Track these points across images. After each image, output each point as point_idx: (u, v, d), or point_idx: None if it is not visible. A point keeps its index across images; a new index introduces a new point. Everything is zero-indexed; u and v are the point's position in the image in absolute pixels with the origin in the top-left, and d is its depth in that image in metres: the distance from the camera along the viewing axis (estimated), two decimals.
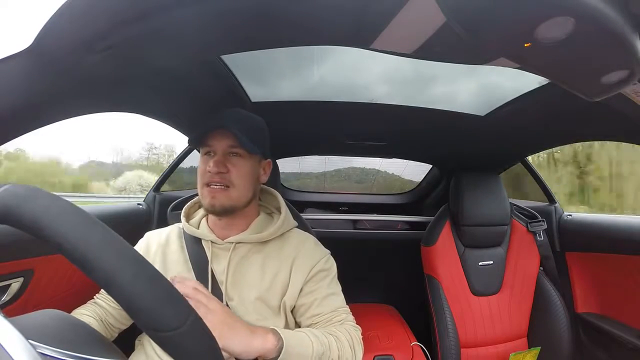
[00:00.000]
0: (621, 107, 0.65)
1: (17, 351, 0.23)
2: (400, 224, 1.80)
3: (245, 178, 0.68)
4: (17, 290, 0.70)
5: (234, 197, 0.67)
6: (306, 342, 0.58)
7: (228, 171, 0.66)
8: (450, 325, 1.16)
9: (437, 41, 0.46)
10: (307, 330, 0.62)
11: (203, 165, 0.67)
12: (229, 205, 0.66)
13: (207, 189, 0.66)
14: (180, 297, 0.30)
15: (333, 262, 0.75)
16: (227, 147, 0.67)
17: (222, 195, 0.66)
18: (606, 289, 1.18)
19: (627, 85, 0.44)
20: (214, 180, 0.65)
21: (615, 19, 0.34)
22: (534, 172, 1.43)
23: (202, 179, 0.67)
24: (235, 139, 0.66)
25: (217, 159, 0.66)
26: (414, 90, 1.00)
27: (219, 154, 0.67)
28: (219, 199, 0.65)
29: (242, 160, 0.68)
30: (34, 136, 0.54)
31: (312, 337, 0.59)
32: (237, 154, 0.67)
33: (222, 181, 0.66)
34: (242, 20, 0.46)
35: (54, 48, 0.44)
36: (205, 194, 0.66)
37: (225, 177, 0.66)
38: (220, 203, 0.65)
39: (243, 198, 0.68)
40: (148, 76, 0.68)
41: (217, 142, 0.67)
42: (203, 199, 0.67)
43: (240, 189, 0.67)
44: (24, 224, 0.27)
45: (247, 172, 0.69)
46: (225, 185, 0.66)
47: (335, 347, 0.61)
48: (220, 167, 0.65)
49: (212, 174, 0.65)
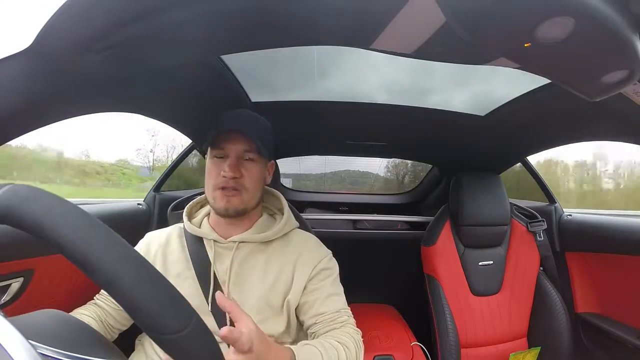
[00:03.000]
0: (621, 107, 0.65)
1: (17, 351, 0.23)
2: (400, 224, 1.80)
3: (257, 182, 0.69)
4: (17, 290, 0.70)
5: (246, 200, 0.68)
6: (315, 353, 0.57)
7: (242, 175, 0.67)
8: (450, 325, 1.16)
9: (437, 41, 0.46)
10: (316, 343, 0.60)
11: (215, 169, 0.67)
12: (242, 208, 0.67)
13: (220, 192, 0.66)
14: (183, 300, 0.29)
15: (335, 262, 0.75)
16: (242, 151, 0.67)
17: (236, 199, 0.66)
18: (606, 289, 1.18)
19: (627, 85, 0.44)
20: (228, 185, 0.66)
21: (615, 19, 0.34)
22: (534, 172, 1.43)
23: (214, 183, 0.67)
24: (251, 143, 0.67)
25: (231, 163, 0.66)
26: (412, 98, 1.02)
27: (233, 158, 0.67)
28: (233, 203, 0.66)
29: (254, 165, 0.69)
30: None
31: (320, 349, 0.58)
32: (250, 158, 0.68)
33: (237, 186, 0.66)
34: (242, 20, 0.46)
35: (54, 48, 0.44)
36: (219, 198, 0.67)
37: (240, 182, 0.66)
38: (234, 207, 0.66)
39: (253, 200, 0.70)
40: (148, 76, 0.68)
41: (231, 146, 0.67)
42: (216, 202, 0.67)
43: (252, 192, 0.68)
44: (25, 224, 0.27)
45: (259, 176, 0.70)
46: (239, 191, 0.66)
47: (344, 355, 0.60)
48: (236, 172, 0.66)
49: (227, 179, 0.65)
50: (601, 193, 3.35)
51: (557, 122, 0.99)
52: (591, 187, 3.40)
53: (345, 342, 0.63)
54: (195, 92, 0.84)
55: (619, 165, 3.17)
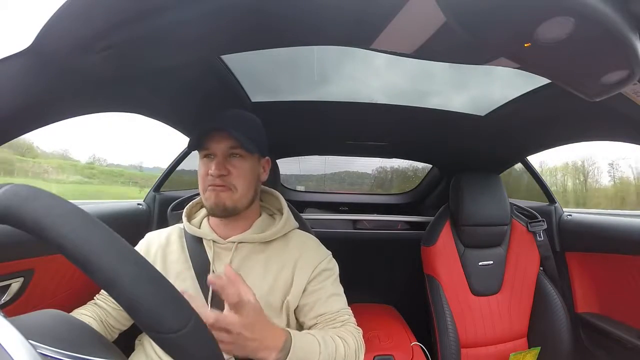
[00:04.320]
0: (621, 107, 0.65)
1: (17, 351, 0.23)
2: (400, 224, 1.80)
3: (246, 178, 0.69)
4: (17, 290, 0.70)
5: (236, 198, 0.67)
6: (313, 342, 0.57)
7: (229, 173, 0.66)
8: (450, 325, 1.16)
9: (437, 41, 0.46)
10: (315, 333, 0.60)
11: (204, 168, 0.68)
12: (232, 206, 0.67)
13: (209, 191, 0.67)
14: (182, 299, 0.30)
15: (335, 263, 0.75)
16: (227, 148, 0.67)
17: (224, 196, 0.66)
18: (606, 289, 1.18)
19: (627, 85, 0.43)
20: (216, 183, 0.66)
21: (615, 19, 0.34)
22: (534, 172, 1.43)
23: (203, 182, 0.68)
24: (235, 140, 0.66)
25: (217, 162, 0.66)
26: (412, 100, 1.02)
27: (219, 156, 0.67)
28: (222, 200, 0.66)
29: (243, 161, 0.68)
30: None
31: (319, 338, 0.58)
32: (237, 154, 0.68)
33: (224, 183, 0.66)
34: (242, 20, 0.46)
35: (54, 48, 0.44)
36: (208, 197, 0.67)
37: (227, 179, 0.66)
38: (223, 204, 0.66)
39: (245, 198, 0.69)
40: (148, 76, 0.68)
41: (216, 145, 0.67)
42: (206, 201, 0.68)
43: (242, 189, 0.68)
44: (26, 224, 0.27)
45: (248, 172, 0.69)
46: (227, 187, 0.66)
47: (342, 350, 0.60)
48: (222, 169, 0.66)
49: (214, 177, 0.65)
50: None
51: (557, 122, 0.99)
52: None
53: (346, 338, 0.63)
54: (195, 92, 0.84)
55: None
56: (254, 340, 0.48)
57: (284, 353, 0.51)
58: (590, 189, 3.92)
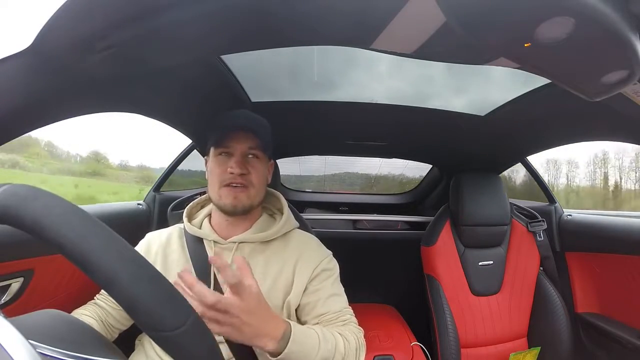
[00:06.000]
0: (621, 107, 0.65)
1: (17, 351, 0.23)
2: (400, 224, 1.80)
3: (262, 179, 0.71)
4: (17, 290, 0.70)
5: (252, 197, 0.69)
6: (312, 335, 0.57)
7: (249, 172, 0.68)
8: (450, 325, 1.16)
9: (437, 41, 0.46)
10: (316, 328, 0.60)
11: (221, 166, 0.68)
12: (249, 205, 0.68)
13: (227, 189, 0.67)
14: (181, 297, 0.30)
15: (335, 263, 0.75)
16: (247, 148, 0.68)
17: (243, 195, 0.67)
18: (606, 289, 1.18)
19: (627, 85, 0.43)
20: (236, 181, 0.67)
21: (615, 19, 0.34)
22: (534, 172, 1.43)
23: (220, 180, 0.68)
24: (255, 141, 0.68)
25: (238, 160, 0.67)
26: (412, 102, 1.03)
27: (238, 155, 0.68)
28: (241, 199, 0.67)
29: (258, 162, 0.70)
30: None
31: (319, 333, 0.58)
32: (255, 155, 0.69)
33: (244, 182, 0.67)
34: (242, 20, 0.46)
35: (54, 48, 0.44)
36: (226, 194, 0.67)
37: (247, 178, 0.68)
38: (242, 203, 0.67)
39: (258, 198, 0.71)
40: (148, 76, 0.68)
41: (237, 144, 0.68)
42: (222, 199, 0.68)
43: (258, 189, 0.69)
44: (25, 224, 0.27)
45: (263, 173, 0.71)
46: (246, 186, 0.67)
47: (342, 346, 0.60)
48: (243, 168, 0.67)
49: (235, 175, 0.66)
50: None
51: (557, 122, 0.99)
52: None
53: (346, 335, 0.63)
54: (195, 92, 0.84)
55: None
56: (252, 326, 0.48)
57: (282, 343, 0.51)
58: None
